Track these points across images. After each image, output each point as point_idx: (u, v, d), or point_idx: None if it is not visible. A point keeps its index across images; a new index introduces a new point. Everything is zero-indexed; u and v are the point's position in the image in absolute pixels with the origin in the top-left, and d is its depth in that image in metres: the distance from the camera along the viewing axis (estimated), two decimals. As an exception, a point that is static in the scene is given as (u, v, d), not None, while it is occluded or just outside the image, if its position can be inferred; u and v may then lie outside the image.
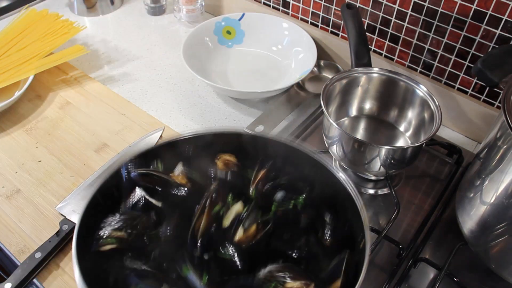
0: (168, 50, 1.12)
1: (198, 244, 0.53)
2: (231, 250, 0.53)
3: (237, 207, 0.57)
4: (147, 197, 0.58)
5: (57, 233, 0.70)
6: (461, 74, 0.89)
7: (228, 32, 1.07)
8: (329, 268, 0.54)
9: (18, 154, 0.84)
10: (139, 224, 0.55)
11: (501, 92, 0.60)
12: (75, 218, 0.72)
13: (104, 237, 0.54)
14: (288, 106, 0.96)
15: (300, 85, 1.01)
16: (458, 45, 0.86)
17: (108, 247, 0.54)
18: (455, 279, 0.67)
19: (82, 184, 0.78)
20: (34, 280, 0.67)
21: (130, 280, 0.51)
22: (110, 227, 0.54)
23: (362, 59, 0.85)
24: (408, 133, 0.88)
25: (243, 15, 1.07)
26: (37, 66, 0.96)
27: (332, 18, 1.01)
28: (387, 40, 0.95)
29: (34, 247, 0.69)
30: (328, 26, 1.03)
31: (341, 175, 0.56)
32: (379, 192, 0.82)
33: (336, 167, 0.57)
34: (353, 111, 0.92)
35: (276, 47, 1.08)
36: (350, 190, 0.55)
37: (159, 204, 0.58)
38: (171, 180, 0.59)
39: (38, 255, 0.67)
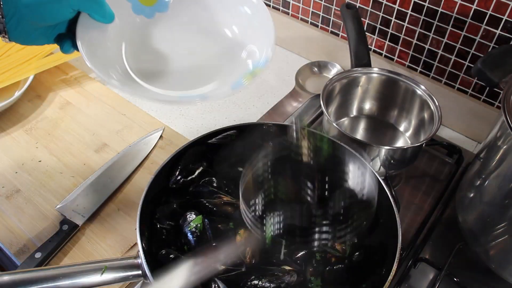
0: (168, 50, 1.12)
1: None
2: None
3: None
4: None
5: (57, 233, 0.70)
6: (461, 74, 0.89)
7: None
8: None
9: (18, 154, 0.84)
10: None
11: (501, 92, 0.61)
12: (75, 218, 0.73)
13: None
14: (288, 106, 0.96)
15: (300, 85, 1.01)
16: (458, 45, 0.86)
17: None
18: (455, 279, 0.67)
19: (82, 184, 0.78)
20: (34, 280, 0.67)
21: None
22: None
23: (362, 59, 0.85)
24: (408, 133, 0.88)
25: None
26: (37, 66, 0.96)
27: (332, 18, 1.01)
28: (387, 40, 0.95)
29: (34, 247, 0.69)
30: (328, 26, 1.03)
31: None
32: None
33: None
34: (353, 111, 0.92)
35: (227, 27, 0.68)
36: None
37: None
38: None
39: (38, 255, 0.67)
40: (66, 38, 0.59)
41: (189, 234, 0.58)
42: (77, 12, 0.57)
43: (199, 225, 0.58)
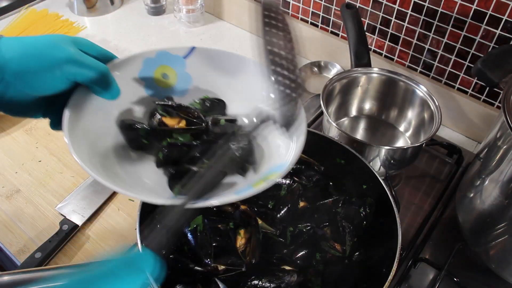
0: (168, 50, 1.11)
1: None
2: None
3: None
4: None
5: (57, 233, 0.70)
6: (461, 74, 0.89)
7: (165, 76, 0.60)
8: None
9: (18, 154, 0.84)
10: None
11: (501, 92, 0.61)
12: (75, 218, 0.73)
13: None
14: (288, 106, 0.96)
15: (300, 85, 1.00)
16: (458, 45, 0.86)
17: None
18: (455, 279, 0.67)
19: (82, 184, 0.78)
20: (34, 280, 0.67)
21: None
22: None
23: (362, 59, 0.85)
24: (408, 133, 0.88)
25: (192, 49, 0.60)
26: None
27: (332, 18, 1.01)
28: (387, 40, 0.95)
29: (34, 247, 0.69)
30: (328, 26, 1.03)
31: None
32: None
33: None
34: (353, 111, 0.92)
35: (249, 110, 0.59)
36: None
37: None
38: None
39: (38, 255, 0.67)
40: (58, 112, 0.49)
41: (189, 234, 0.58)
42: (76, 84, 0.48)
43: (198, 225, 0.58)
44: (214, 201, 0.46)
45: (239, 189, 0.51)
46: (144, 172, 0.53)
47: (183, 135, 0.55)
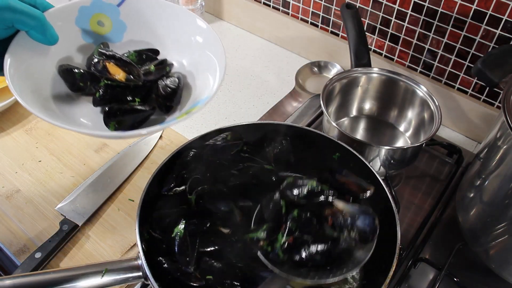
0: (168, 50, 1.11)
1: None
2: None
3: None
4: None
5: (57, 233, 0.70)
6: (461, 74, 0.89)
7: (100, 23, 0.65)
8: None
9: (18, 154, 0.84)
10: None
11: (501, 92, 0.61)
12: (75, 218, 0.73)
13: None
14: (288, 106, 0.96)
15: (300, 85, 1.01)
16: (458, 45, 0.86)
17: None
18: (455, 279, 0.67)
19: (82, 184, 0.78)
20: (34, 280, 0.67)
21: None
22: None
23: (362, 59, 0.85)
24: (408, 133, 0.88)
25: None
26: (37, 66, 0.96)
27: (332, 18, 1.01)
28: (387, 40, 0.95)
29: (34, 247, 0.69)
30: (328, 26, 1.03)
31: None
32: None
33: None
34: (353, 111, 0.92)
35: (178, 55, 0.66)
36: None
37: None
38: None
39: (38, 255, 0.67)
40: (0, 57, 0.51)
41: (172, 242, 0.58)
42: (15, 31, 0.51)
43: (179, 232, 0.58)
44: (142, 131, 0.52)
45: (165, 121, 0.59)
46: (81, 112, 0.58)
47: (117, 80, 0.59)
